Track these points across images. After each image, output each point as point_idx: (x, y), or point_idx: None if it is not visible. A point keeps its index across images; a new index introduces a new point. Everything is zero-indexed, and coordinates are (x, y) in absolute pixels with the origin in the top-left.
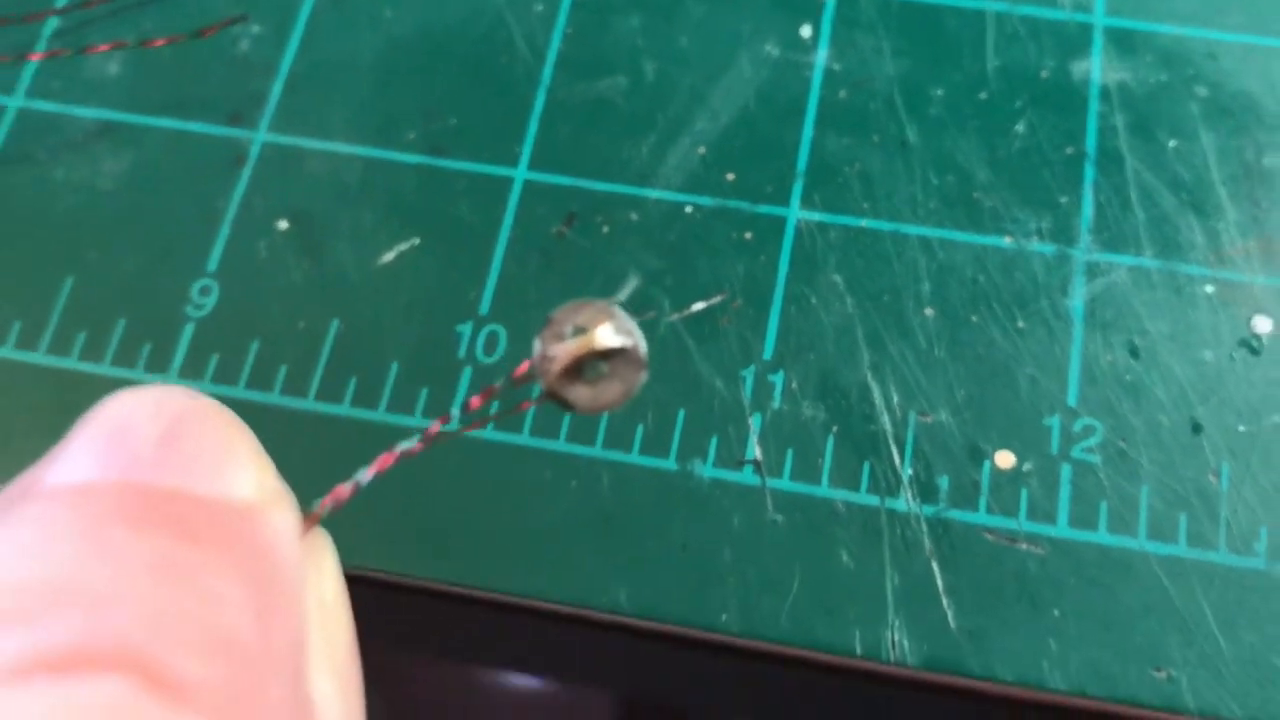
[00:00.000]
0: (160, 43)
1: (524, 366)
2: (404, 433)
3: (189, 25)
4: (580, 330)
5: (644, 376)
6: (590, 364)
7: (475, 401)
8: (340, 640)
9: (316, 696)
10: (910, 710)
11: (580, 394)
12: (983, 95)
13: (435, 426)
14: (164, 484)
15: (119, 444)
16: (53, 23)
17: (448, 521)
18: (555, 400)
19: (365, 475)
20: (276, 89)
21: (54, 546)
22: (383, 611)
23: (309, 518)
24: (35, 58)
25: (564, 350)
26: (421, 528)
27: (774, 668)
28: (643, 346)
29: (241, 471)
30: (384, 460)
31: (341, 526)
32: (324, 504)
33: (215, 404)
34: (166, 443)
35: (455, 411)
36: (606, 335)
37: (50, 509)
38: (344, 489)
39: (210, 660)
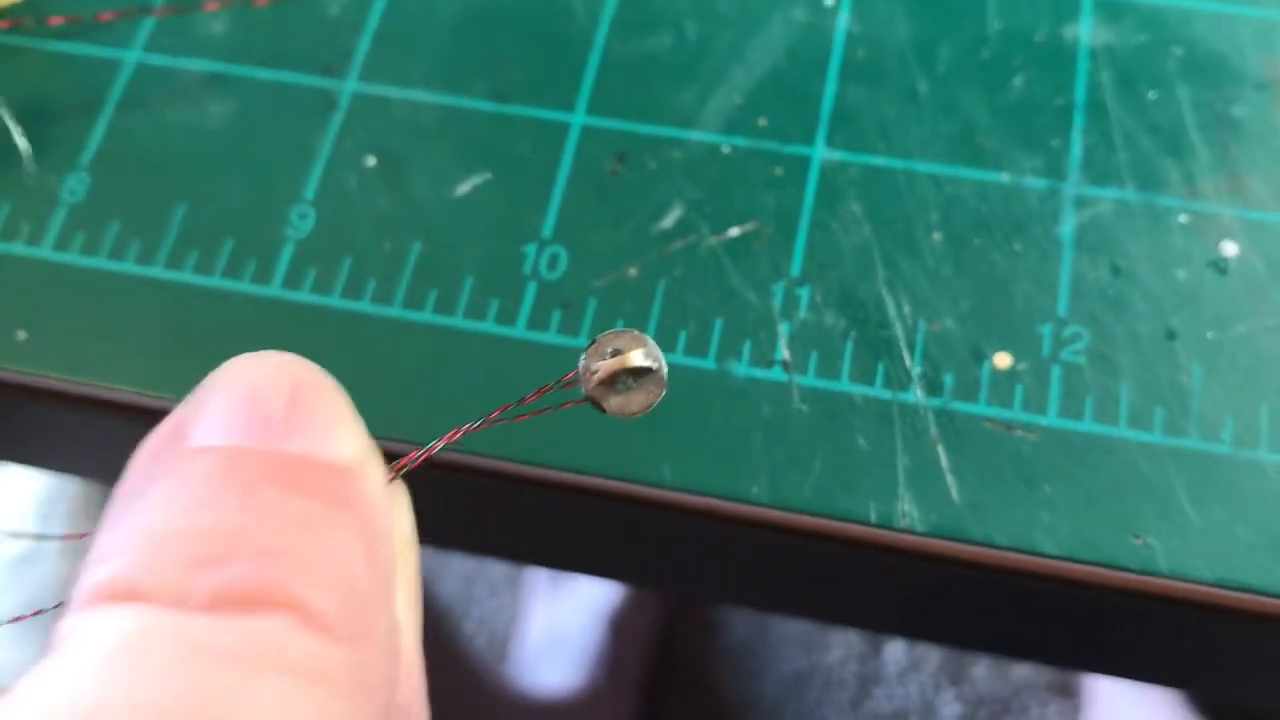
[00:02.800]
0: (264, 2)
1: (570, 375)
2: (477, 336)
3: None
4: (618, 351)
5: (663, 393)
6: (622, 378)
7: (529, 398)
8: (413, 571)
9: (400, 616)
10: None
11: (612, 401)
12: (984, 54)
13: (495, 414)
14: (295, 449)
15: (254, 410)
16: None
17: None
18: (592, 403)
19: (436, 445)
20: (364, 45)
21: (224, 500)
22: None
23: (391, 469)
24: (157, 14)
25: (604, 365)
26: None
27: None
28: (665, 370)
29: (349, 434)
30: (451, 435)
31: (417, 409)
32: (402, 463)
33: (322, 371)
34: (292, 410)
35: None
36: (638, 357)
37: (214, 466)
38: (417, 454)
39: (341, 599)
